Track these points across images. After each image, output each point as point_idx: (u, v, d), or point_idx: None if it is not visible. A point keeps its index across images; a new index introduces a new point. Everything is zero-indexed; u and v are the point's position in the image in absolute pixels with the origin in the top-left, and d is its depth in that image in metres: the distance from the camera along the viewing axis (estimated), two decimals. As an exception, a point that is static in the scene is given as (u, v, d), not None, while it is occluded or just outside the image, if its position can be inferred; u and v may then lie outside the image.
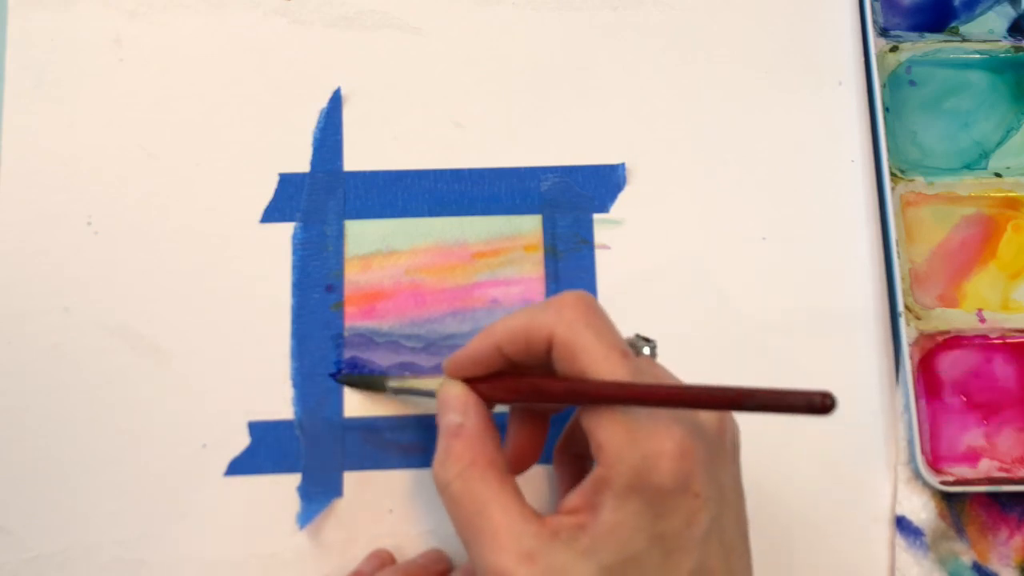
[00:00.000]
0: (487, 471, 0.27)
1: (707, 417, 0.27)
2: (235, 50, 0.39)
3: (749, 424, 0.29)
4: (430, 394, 0.32)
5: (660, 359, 0.30)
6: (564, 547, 0.26)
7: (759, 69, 0.39)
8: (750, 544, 0.28)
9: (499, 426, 0.30)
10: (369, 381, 0.36)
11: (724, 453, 0.28)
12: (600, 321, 0.28)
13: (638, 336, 0.30)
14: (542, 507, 0.35)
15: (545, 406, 0.31)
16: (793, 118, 0.39)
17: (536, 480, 0.35)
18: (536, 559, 0.25)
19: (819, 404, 0.22)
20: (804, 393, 0.22)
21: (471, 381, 0.30)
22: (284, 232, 0.37)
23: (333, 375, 0.36)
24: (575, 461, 0.32)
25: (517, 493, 0.27)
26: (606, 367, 0.26)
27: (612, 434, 0.26)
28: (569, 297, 0.28)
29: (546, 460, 0.34)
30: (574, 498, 0.27)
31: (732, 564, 0.27)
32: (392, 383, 0.34)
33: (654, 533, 0.25)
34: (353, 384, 0.36)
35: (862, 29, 0.40)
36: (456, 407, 0.29)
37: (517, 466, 0.31)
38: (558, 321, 0.27)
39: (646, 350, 0.30)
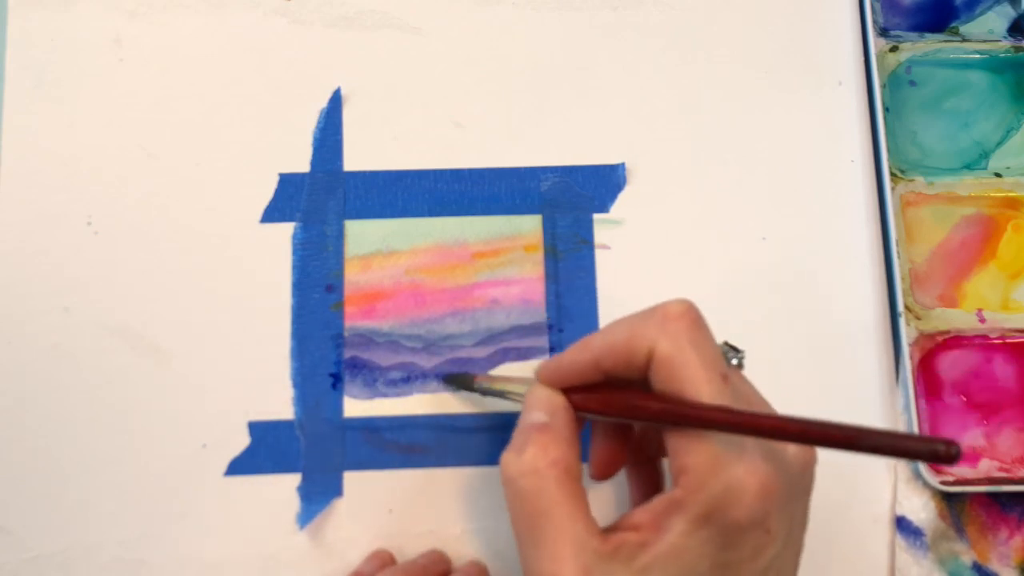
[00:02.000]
0: (564, 475, 0.27)
1: (795, 453, 0.26)
2: (235, 50, 0.39)
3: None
4: (518, 397, 0.31)
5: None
6: (622, 567, 0.25)
7: (759, 69, 0.39)
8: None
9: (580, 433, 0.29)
10: (461, 380, 0.35)
11: (801, 490, 0.27)
12: (703, 338, 0.26)
13: (727, 344, 0.29)
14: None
15: (636, 422, 0.30)
16: (793, 118, 0.39)
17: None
18: (592, 574, 0.25)
19: (943, 453, 0.21)
20: (927, 439, 0.22)
21: (564, 390, 0.29)
22: (284, 232, 0.37)
23: (441, 377, 0.36)
24: (644, 463, 0.32)
25: (585, 504, 0.26)
26: (706, 390, 0.25)
27: (698, 459, 0.25)
28: (674, 309, 0.27)
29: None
30: (641, 514, 0.26)
31: None
32: (480, 383, 0.34)
33: (718, 561, 0.25)
34: (451, 382, 0.36)
35: (862, 29, 0.40)
36: (544, 407, 0.28)
37: (598, 475, 0.30)
38: (661, 335, 0.26)
39: (734, 360, 0.29)
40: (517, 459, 0.27)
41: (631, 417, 0.28)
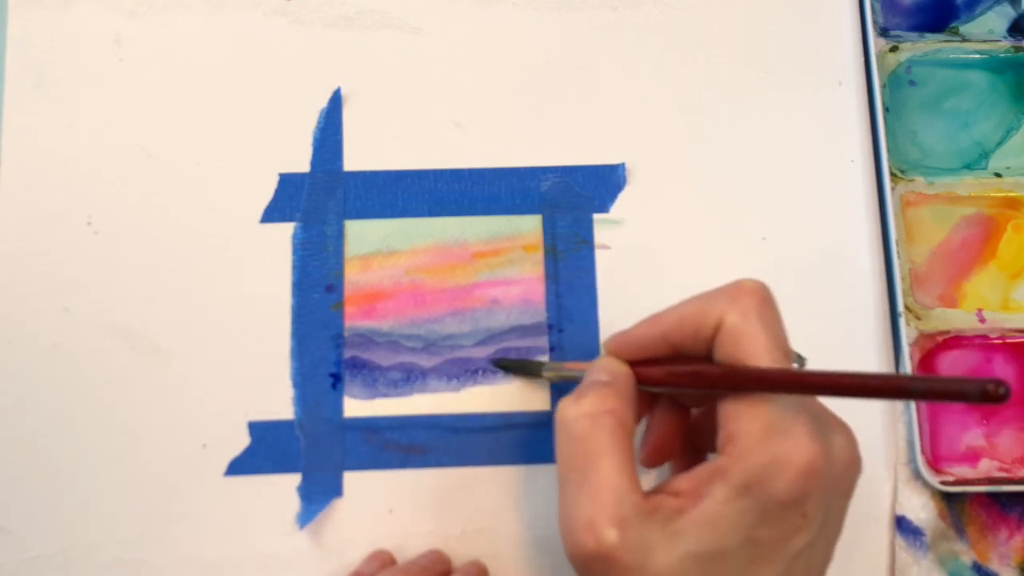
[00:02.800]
0: (618, 426, 0.27)
1: (841, 447, 0.27)
2: (235, 50, 0.39)
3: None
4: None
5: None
6: (657, 526, 0.25)
7: (759, 69, 0.39)
8: None
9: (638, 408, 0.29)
10: (525, 366, 0.35)
11: (843, 486, 0.27)
12: (773, 316, 0.27)
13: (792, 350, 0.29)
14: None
15: (695, 394, 0.30)
16: (793, 118, 0.39)
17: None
18: (627, 528, 0.25)
19: (992, 392, 0.22)
20: (975, 381, 0.22)
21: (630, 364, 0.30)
22: (284, 232, 0.37)
23: (492, 361, 0.36)
24: (693, 454, 0.32)
25: (634, 461, 0.27)
26: (767, 361, 0.26)
27: (748, 427, 0.26)
28: (748, 284, 0.28)
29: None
30: (682, 481, 0.26)
31: None
32: (547, 371, 0.34)
33: (750, 536, 0.25)
34: (509, 368, 0.36)
35: (862, 29, 0.40)
36: (607, 370, 0.29)
37: (653, 458, 0.31)
38: (732, 307, 0.27)
39: (795, 365, 0.29)
40: (575, 403, 0.28)
41: (694, 385, 0.28)
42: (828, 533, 0.27)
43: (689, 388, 0.29)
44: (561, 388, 0.36)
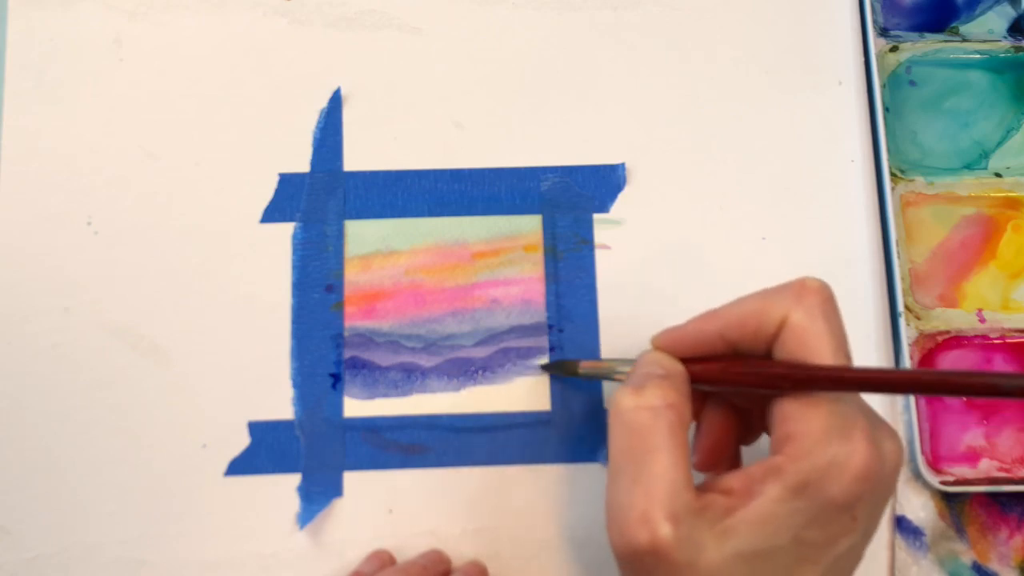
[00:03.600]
0: (677, 421, 0.27)
1: (890, 451, 0.27)
2: (235, 50, 0.39)
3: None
4: (626, 373, 0.31)
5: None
6: (707, 525, 0.25)
7: (759, 69, 0.39)
8: None
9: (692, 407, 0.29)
10: (564, 366, 0.35)
11: (889, 489, 0.27)
12: (836, 316, 0.27)
13: None
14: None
15: (750, 393, 0.29)
16: (793, 118, 0.39)
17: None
18: (679, 524, 0.25)
19: None
20: None
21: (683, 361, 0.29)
22: (284, 232, 0.37)
23: (543, 366, 0.36)
24: (729, 413, 0.31)
25: (688, 458, 0.27)
26: (832, 360, 0.26)
27: (808, 427, 0.25)
28: (812, 283, 0.27)
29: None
30: (733, 479, 0.26)
31: None
32: (587, 369, 0.34)
33: (799, 536, 0.25)
34: (552, 370, 0.36)
35: (862, 29, 0.40)
36: (662, 365, 0.28)
37: (707, 461, 0.30)
38: (796, 304, 0.27)
39: None
40: (636, 393, 0.27)
41: (755, 384, 0.27)
42: (869, 534, 0.27)
43: (749, 387, 0.28)
44: (562, 387, 0.36)
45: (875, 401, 0.36)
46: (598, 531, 0.34)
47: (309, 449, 0.35)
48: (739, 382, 0.28)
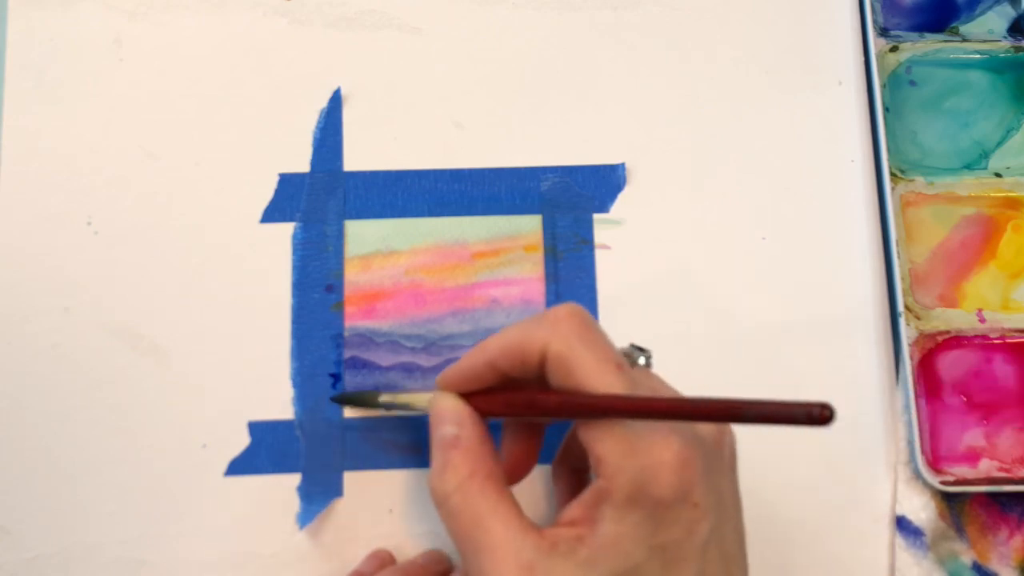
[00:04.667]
0: (485, 483, 0.27)
1: (705, 427, 0.27)
2: (235, 50, 0.39)
3: (749, 426, 0.29)
4: (423, 409, 0.31)
5: (661, 358, 0.30)
6: (563, 559, 0.25)
7: (759, 69, 0.39)
8: (747, 553, 0.28)
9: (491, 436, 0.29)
10: (361, 398, 0.35)
11: (723, 463, 0.27)
12: (594, 335, 0.27)
13: (633, 346, 0.30)
14: (538, 514, 0.35)
15: (541, 419, 0.31)
16: (793, 118, 0.39)
17: (532, 488, 0.35)
18: (535, 570, 0.25)
19: (818, 415, 0.22)
20: (803, 404, 0.22)
21: (466, 395, 0.29)
22: (284, 232, 0.37)
23: (331, 398, 0.36)
24: (573, 474, 0.32)
25: (515, 505, 0.27)
26: (601, 381, 0.26)
27: (611, 447, 0.26)
28: (563, 311, 0.28)
29: (544, 461, 0.34)
30: (573, 510, 0.27)
31: (731, 573, 0.27)
32: (384, 398, 0.34)
33: (654, 544, 0.25)
34: (347, 402, 0.36)
35: (862, 29, 0.40)
36: (451, 419, 0.29)
37: (513, 476, 0.31)
38: (552, 335, 0.27)
39: (641, 360, 0.30)
40: (440, 480, 0.28)
41: (534, 413, 0.28)
42: (729, 512, 0.27)
43: (532, 416, 0.29)
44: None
45: (875, 401, 0.36)
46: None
47: (309, 449, 0.35)
48: (522, 413, 0.29)
